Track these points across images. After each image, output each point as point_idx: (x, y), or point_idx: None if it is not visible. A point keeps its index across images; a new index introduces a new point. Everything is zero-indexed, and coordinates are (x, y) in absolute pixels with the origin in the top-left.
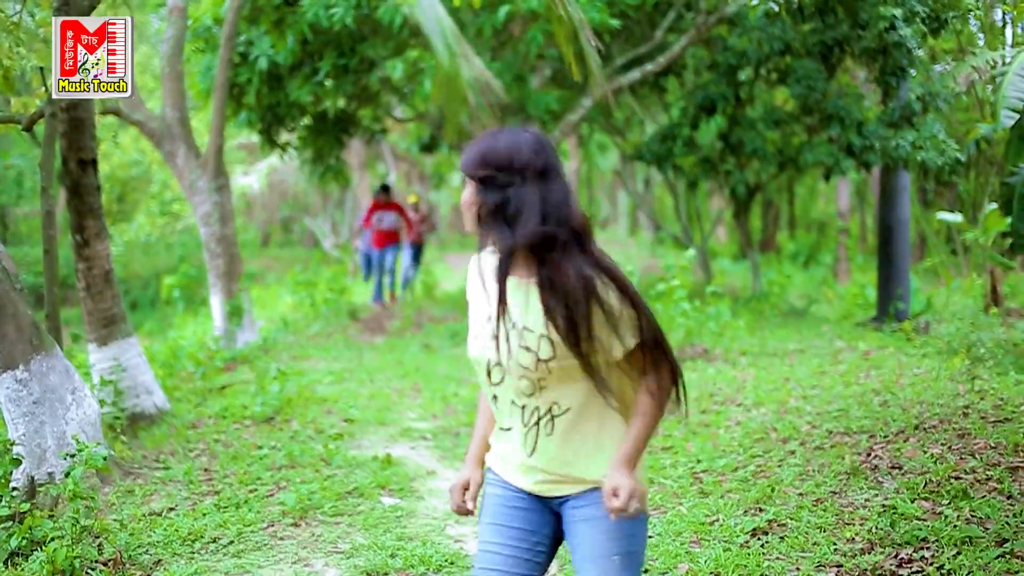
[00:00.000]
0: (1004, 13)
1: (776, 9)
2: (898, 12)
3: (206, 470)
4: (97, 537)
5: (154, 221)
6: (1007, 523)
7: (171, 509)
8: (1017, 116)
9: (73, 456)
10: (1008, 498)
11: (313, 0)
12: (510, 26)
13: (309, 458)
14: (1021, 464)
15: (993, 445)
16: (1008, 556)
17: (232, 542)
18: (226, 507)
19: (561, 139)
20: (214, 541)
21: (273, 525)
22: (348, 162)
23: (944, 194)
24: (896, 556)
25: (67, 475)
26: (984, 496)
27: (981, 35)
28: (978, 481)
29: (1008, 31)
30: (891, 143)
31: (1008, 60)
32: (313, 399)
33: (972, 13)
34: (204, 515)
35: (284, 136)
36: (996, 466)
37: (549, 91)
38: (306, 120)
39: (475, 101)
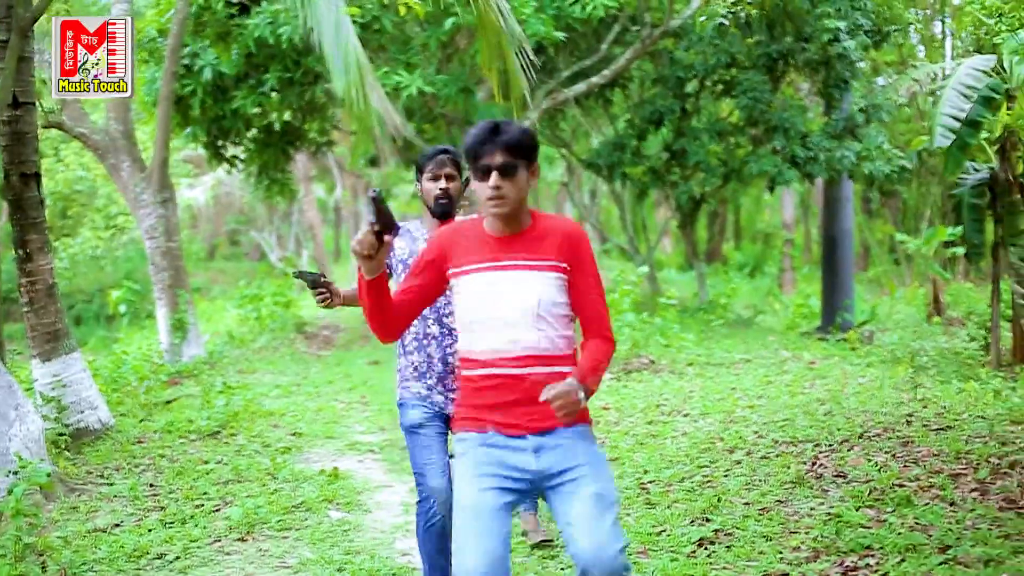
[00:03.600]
0: (944, 26)
1: (726, 24)
2: (842, 25)
3: (151, 485)
4: (41, 555)
5: (99, 235)
6: (950, 530)
7: (116, 525)
8: (952, 136)
9: (16, 473)
10: (951, 505)
11: (261, 19)
12: (456, 39)
13: (255, 472)
14: (963, 471)
15: (936, 453)
16: (951, 563)
17: (178, 558)
18: (172, 523)
19: None
20: (160, 557)
21: (219, 540)
22: (294, 175)
23: (887, 205)
24: (841, 564)
25: (10, 492)
26: (927, 503)
27: (922, 48)
28: (921, 488)
29: (948, 43)
30: (835, 154)
31: (948, 72)
32: (259, 413)
33: (913, 26)
34: (149, 531)
35: (230, 149)
36: (939, 473)
37: (495, 103)
38: (252, 133)
39: (380, 132)
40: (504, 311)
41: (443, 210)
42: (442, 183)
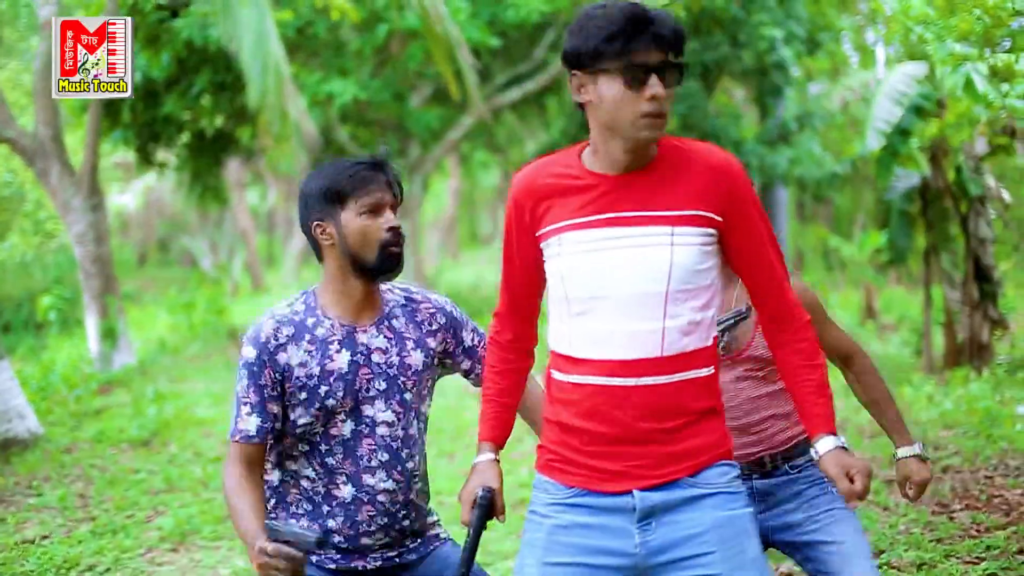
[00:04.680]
0: (876, 34)
1: None
2: (779, 33)
3: (81, 496)
4: None
5: (28, 241)
6: (883, 534)
7: (45, 537)
8: (884, 139)
9: None
10: (884, 510)
11: (189, 20)
12: (390, 44)
13: (188, 482)
14: None
15: (869, 458)
16: (885, 567)
17: (109, 569)
18: (102, 533)
19: (442, 157)
20: (90, 569)
21: (151, 551)
22: (227, 180)
23: (820, 210)
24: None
25: None
26: (861, 508)
27: (855, 54)
28: None
29: (880, 52)
30: (768, 161)
31: (879, 79)
32: (192, 421)
33: (846, 34)
34: (79, 542)
35: (161, 154)
36: (873, 478)
37: (429, 109)
38: (184, 138)
39: (296, 142)
40: (615, 291)
41: (394, 264)
42: (389, 217)
